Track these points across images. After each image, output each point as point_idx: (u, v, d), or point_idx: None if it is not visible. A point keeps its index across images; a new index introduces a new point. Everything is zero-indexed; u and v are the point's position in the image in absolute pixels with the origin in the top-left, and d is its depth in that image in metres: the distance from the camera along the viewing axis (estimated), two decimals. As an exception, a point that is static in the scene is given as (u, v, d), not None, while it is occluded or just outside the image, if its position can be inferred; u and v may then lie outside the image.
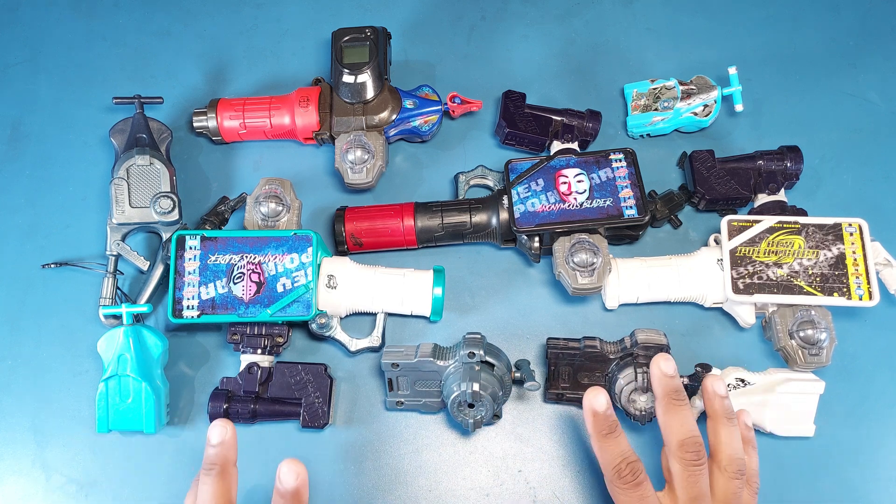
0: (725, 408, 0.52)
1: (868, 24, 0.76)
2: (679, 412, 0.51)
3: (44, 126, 0.74)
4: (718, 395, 0.52)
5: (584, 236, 0.61)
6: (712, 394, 0.52)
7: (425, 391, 0.60)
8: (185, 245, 0.61)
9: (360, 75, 0.66)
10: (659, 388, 0.52)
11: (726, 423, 0.52)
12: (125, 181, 0.65)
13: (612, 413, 0.51)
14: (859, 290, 0.59)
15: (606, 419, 0.51)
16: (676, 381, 0.52)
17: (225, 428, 0.49)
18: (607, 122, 0.71)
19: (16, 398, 0.65)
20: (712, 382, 0.53)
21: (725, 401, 0.52)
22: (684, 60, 0.75)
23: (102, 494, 0.62)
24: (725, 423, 0.52)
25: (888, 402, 0.63)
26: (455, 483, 0.62)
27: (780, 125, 0.72)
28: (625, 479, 0.50)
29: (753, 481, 0.53)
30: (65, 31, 0.77)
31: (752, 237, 0.61)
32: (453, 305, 0.66)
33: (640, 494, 0.50)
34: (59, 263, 0.68)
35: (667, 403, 0.51)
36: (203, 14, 0.78)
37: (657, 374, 0.52)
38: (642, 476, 0.50)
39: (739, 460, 0.50)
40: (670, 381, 0.51)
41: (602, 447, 0.51)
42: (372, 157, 0.66)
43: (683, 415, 0.51)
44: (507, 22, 0.77)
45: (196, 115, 0.69)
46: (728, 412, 0.52)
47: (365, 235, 0.65)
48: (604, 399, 0.51)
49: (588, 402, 0.51)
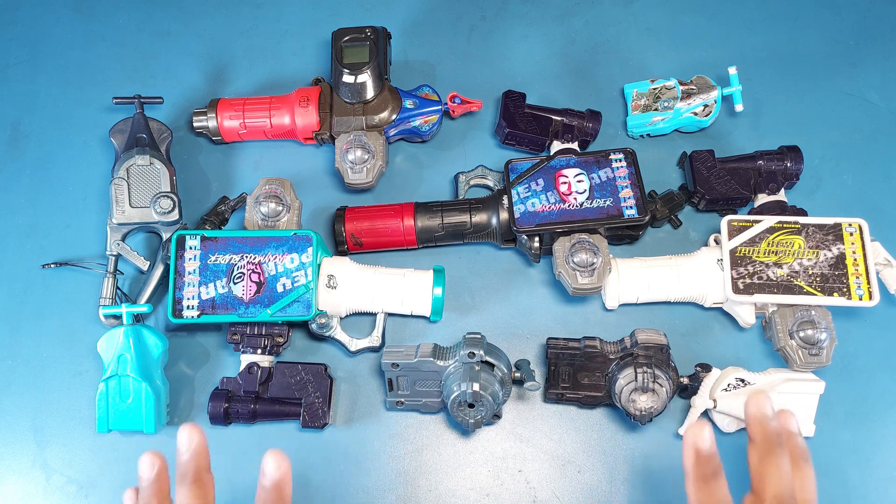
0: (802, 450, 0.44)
1: (868, 24, 0.76)
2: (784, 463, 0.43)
3: (44, 126, 0.74)
4: (766, 416, 0.44)
5: (584, 236, 0.61)
6: (760, 416, 0.44)
7: (425, 391, 0.60)
8: (185, 245, 0.61)
9: (360, 75, 0.66)
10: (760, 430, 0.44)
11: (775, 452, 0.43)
12: (125, 181, 0.65)
13: (716, 452, 0.43)
14: (859, 290, 0.59)
15: (710, 461, 0.43)
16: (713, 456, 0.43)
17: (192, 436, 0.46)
18: (607, 122, 0.71)
19: (16, 398, 0.65)
20: (757, 402, 0.44)
21: (773, 423, 0.44)
22: (684, 60, 0.75)
23: (102, 494, 0.62)
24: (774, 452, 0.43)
25: (888, 402, 0.63)
26: (455, 483, 0.62)
27: (780, 125, 0.72)
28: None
29: None
30: (65, 31, 0.77)
31: (752, 237, 0.61)
32: (453, 305, 0.66)
33: None
34: (59, 263, 0.68)
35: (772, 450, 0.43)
36: (203, 14, 0.78)
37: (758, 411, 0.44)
38: None
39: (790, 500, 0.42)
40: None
41: (701, 492, 0.43)
42: (372, 157, 0.66)
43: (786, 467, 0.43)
44: (507, 22, 0.77)
45: (196, 115, 0.69)
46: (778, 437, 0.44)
47: (365, 235, 0.65)
48: (709, 436, 0.43)
49: (692, 439, 0.43)
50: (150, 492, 0.46)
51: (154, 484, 0.46)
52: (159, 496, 0.46)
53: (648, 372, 0.57)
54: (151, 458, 0.45)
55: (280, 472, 0.44)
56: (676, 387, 0.59)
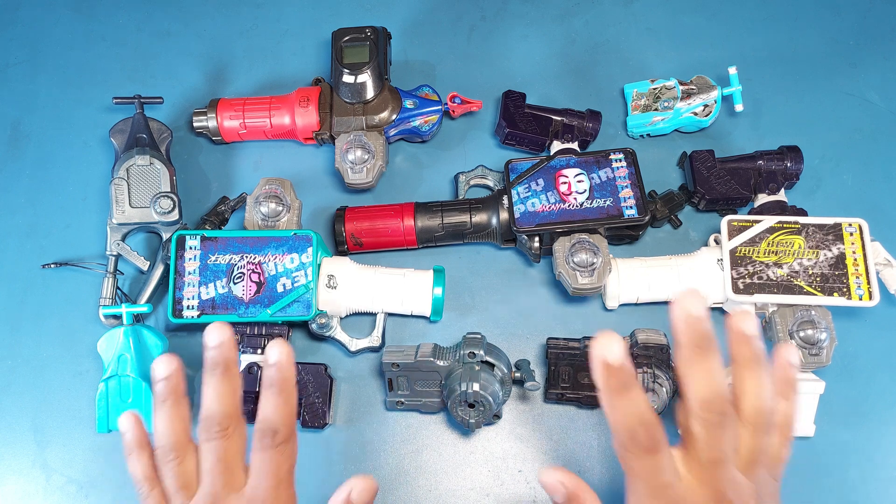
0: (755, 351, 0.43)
1: (868, 24, 0.76)
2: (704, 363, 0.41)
3: (44, 126, 0.74)
4: (746, 335, 0.42)
5: (584, 236, 0.61)
6: (739, 335, 0.43)
7: (425, 391, 0.60)
8: (185, 245, 0.61)
9: (360, 75, 0.66)
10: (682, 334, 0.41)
11: (755, 369, 0.42)
12: (125, 181, 0.65)
13: (628, 365, 0.41)
14: (859, 290, 0.59)
15: (621, 372, 0.40)
16: (705, 325, 0.41)
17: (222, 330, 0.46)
18: (607, 122, 0.71)
19: (16, 398, 0.65)
20: (739, 320, 0.42)
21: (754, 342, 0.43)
22: (684, 60, 0.75)
23: (102, 494, 0.62)
24: (754, 369, 0.42)
25: (888, 402, 0.63)
26: (455, 483, 0.62)
27: (780, 125, 0.72)
28: (640, 443, 0.40)
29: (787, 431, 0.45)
30: (65, 31, 0.77)
31: (752, 237, 0.61)
32: (453, 305, 0.66)
33: (657, 462, 0.41)
34: (59, 263, 0.68)
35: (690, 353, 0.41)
36: (203, 14, 0.78)
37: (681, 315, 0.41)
38: (662, 441, 0.41)
39: (768, 413, 0.42)
40: (697, 324, 0.40)
41: (614, 405, 0.41)
42: (372, 157, 0.66)
43: (709, 367, 0.41)
44: (507, 22, 0.77)
45: (196, 115, 0.69)
46: (758, 356, 0.42)
47: (365, 235, 0.65)
48: (618, 348, 0.40)
49: (599, 353, 0.40)
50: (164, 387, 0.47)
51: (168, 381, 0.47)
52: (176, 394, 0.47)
53: (648, 372, 0.57)
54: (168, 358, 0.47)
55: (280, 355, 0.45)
56: (677, 387, 0.59)
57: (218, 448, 0.45)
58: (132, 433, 0.48)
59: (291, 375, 0.47)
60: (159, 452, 0.47)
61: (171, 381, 0.47)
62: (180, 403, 0.48)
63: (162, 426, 0.47)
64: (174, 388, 0.47)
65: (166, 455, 0.46)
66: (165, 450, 0.46)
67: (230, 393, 0.46)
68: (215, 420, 0.46)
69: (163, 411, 0.47)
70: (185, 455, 0.47)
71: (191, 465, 0.47)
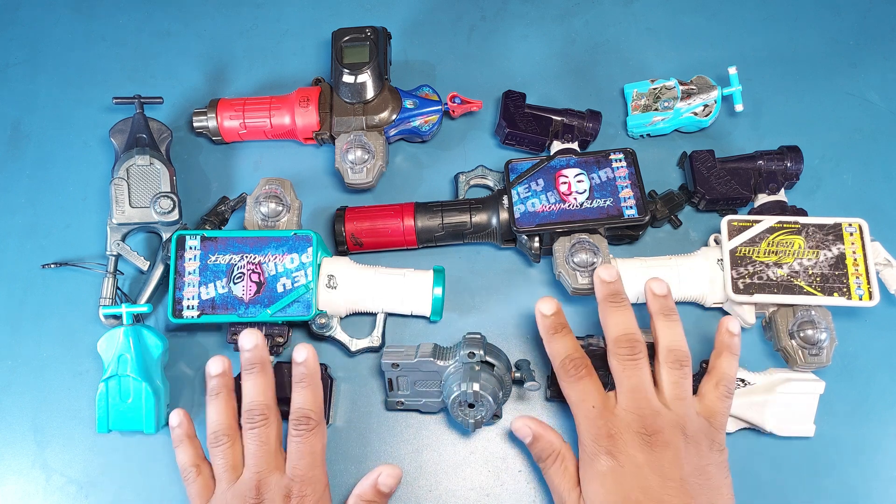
0: (663, 306, 0.56)
1: (868, 24, 0.76)
2: (616, 312, 0.55)
3: (44, 126, 0.74)
4: (657, 295, 0.56)
5: (584, 236, 0.61)
6: (650, 294, 0.56)
7: (425, 391, 0.60)
8: (185, 245, 0.61)
9: (360, 75, 0.66)
10: (599, 293, 0.56)
11: (663, 319, 0.55)
12: (125, 181, 0.65)
13: (561, 316, 0.56)
14: (859, 290, 0.59)
15: (555, 319, 0.56)
16: (617, 286, 0.56)
17: (255, 334, 0.56)
18: (607, 122, 0.71)
19: (16, 398, 0.65)
20: (653, 284, 0.56)
21: (664, 300, 0.56)
22: (684, 60, 0.75)
23: (102, 495, 0.62)
24: (662, 319, 0.55)
25: (888, 402, 0.63)
26: (455, 483, 0.62)
27: (780, 125, 0.72)
28: (569, 373, 0.54)
29: (723, 384, 0.54)
30: (65, 31, 0.77)
31: (752, 237, 0.61)
32: (453, 305, 0.66)
33: (584, 387, 0.53)
34: (59, 263, 0.68)
35: (605, 306, 0.55)
36: (203, 14, 0.78)
37: (597, 281, 0.57)
38: (585, 371, 0.54)
39: (678, 351, 0.54)
40: (610, 285, 0.56)
41: (549, 345, 0.56)
42: (372, 157, 0.66)
43: (621, 314, 0.55)
44: (507, 22, 0.77)
45: (196, 115, 0.69)
46: (666, 309, 0.55)
47: (365, 235, 0.65)
48: (551, 304, 0.56)
49: (537, 307, 0.56)
50: (217, 382, 0.56)
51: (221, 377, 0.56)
52: (227, 388, 0.56)
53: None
54: (220, 358, 0.57)
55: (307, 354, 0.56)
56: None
57: (260, 434, 0.54)
58: (182, 427, 0.57)
59: (317, 371, 0.57)
60: (211, 438, 0.55)
61: (223, 377, 0.56)
62: (230, 396, 0.56)
63: (214, 415, 0.55)
64: (225, 383, 0.56)
65: (218, 440, 0.54)
66: (218, 435, 0.54)
67: (267, 387, 0.55)
68: (256, 410, 0.54)
69: (216, 403, 0.56)
70: (234, 440, 0.55)
71: (238, 449, 0.55)
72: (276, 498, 0.52)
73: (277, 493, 0.52)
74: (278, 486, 0.52)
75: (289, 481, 0.52)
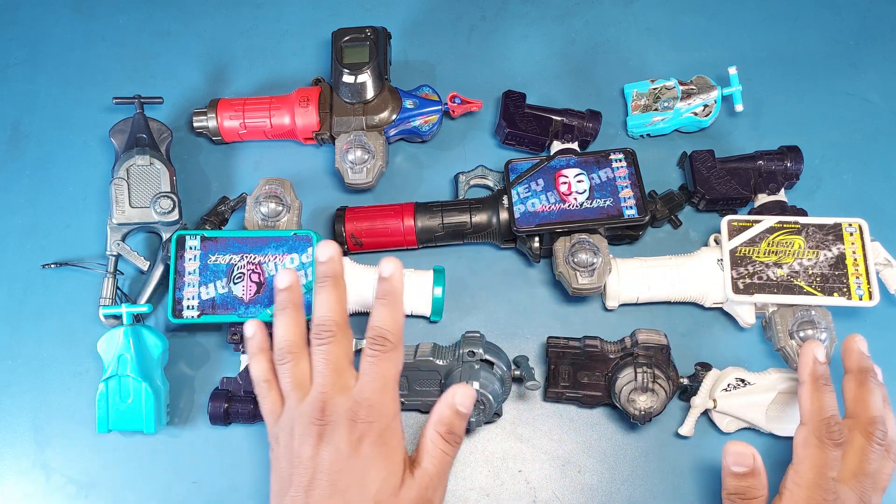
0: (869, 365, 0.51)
1: (868, 24, 0.76)
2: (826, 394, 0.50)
3: (44, 126, 0.74)
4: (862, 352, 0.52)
5: (584, 236, 0.61)
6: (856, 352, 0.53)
7: (425, 391, 0.60)
8: (185, 245, 0.61)
9: (360, 75, 0.66)
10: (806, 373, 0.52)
11: (870, 380, 0.50)
12: (125, 181, 0.65)
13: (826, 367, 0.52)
14: (859, 290, 0.59)
15: (826, 370, 0.51)
16: (826, 369, 0.52)
17: (331, 246, 0.53)
18: (607, 122, 0.71)
19: (16, 398, 0.65)
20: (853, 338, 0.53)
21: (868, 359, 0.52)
22: (684, 60, 0.75)
23: (102, 495, 0.62)
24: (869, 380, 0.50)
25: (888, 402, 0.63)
26: (455, 483, 0.62)
27: (780, 125, 0.72)
28: (833, 434, 0.49)
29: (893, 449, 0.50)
30: (65, 31, 0.77)
31: (752, 237, 0.61)
32: (453, 305, 0.66)
33: (837, 456, 0.48)
34: (59, 263, 0.68)
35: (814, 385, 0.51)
36: (203, 14, 0.78)
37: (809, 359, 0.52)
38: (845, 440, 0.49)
39: (883, 425, 0.49)
40: (822, 367, 0.52)
41: (816, 396, 0.50)
42: (372, 157, 0.66)
43: (830, 397, 0.50)
44: (507, 22, 0.77)
45: (196, 115, 0.69)
46: (872, 369, 0.51)
47: (365, 235, 0.65)
48: (825, 352, 0.52)
49: (809, 350, 0.52)
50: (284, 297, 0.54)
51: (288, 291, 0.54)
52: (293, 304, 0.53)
53: (648, 372, 0.57)
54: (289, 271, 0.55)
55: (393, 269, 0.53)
56: (676, 387, 0.59)
57: (328, 351, 0.50)
58: (257, 338, 0.54)
59: (402, 289, 0.53)
60: (277, 355, 0.52)
61: (289, 291, 0.54)
62: (297, 312, 0.53)
63: (280, 331, 0.52)
64: (293, 298, 0.54)
65: (283, 357, 0.51)
66: (283, 352, 0.52)
67: (338, 301, 0.52)
68: (325, 326, 0.51)
69: (282, 318, 0.53)
70: (299, 358, 0.51)
71: (304, 367, 0.51)
72: (342, 421, 0.48)
73: (343, 417, 0.48)
74: (344, 408, 0.48)
75: (355, 404, 0.48)
